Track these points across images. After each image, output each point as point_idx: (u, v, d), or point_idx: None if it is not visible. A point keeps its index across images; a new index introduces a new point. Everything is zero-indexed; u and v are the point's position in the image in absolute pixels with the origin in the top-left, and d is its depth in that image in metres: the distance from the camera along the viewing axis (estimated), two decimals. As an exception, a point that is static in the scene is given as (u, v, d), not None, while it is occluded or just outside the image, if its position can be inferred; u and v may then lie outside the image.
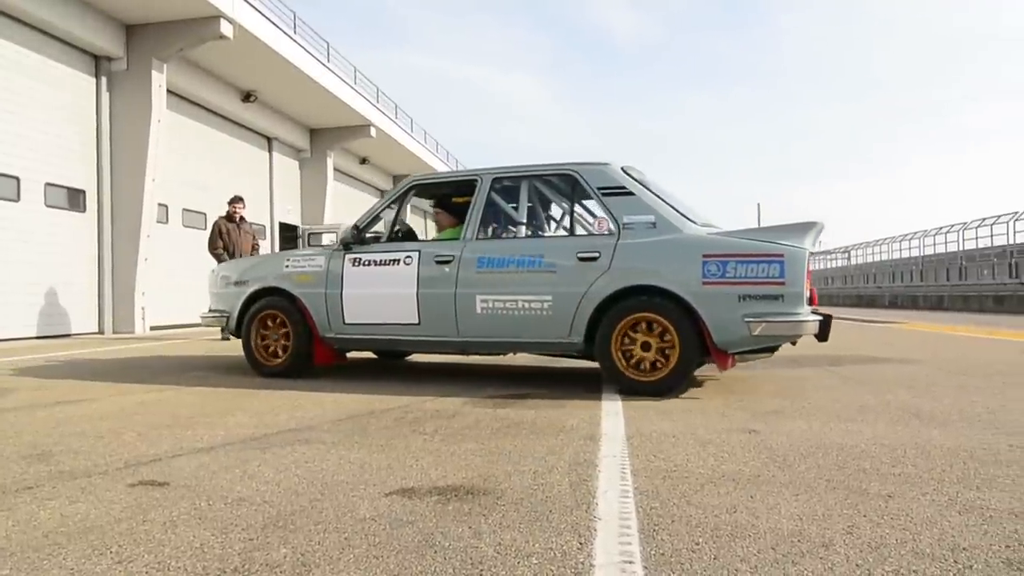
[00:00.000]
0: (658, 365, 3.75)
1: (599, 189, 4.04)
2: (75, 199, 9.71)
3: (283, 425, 3.04)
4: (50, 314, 9.16)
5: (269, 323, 4.70)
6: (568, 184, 4.30)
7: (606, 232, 3.98)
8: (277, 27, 11.56)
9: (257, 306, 4.72)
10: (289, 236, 16.54)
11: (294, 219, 16.72)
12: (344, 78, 14.92)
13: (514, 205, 4.36)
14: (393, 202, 4.67)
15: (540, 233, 4.84)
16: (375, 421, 3.13)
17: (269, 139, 15.34)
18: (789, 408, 3.41)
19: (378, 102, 17.70)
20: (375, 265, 4.40)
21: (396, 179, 24.05)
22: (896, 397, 3.77)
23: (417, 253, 4.31)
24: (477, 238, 4.23)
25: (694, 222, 3.94)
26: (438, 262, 4.21)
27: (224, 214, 8.70)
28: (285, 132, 15.59)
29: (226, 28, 9.98)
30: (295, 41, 12.29)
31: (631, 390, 3.75)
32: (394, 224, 4.71)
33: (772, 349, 3.89)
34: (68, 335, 9.36)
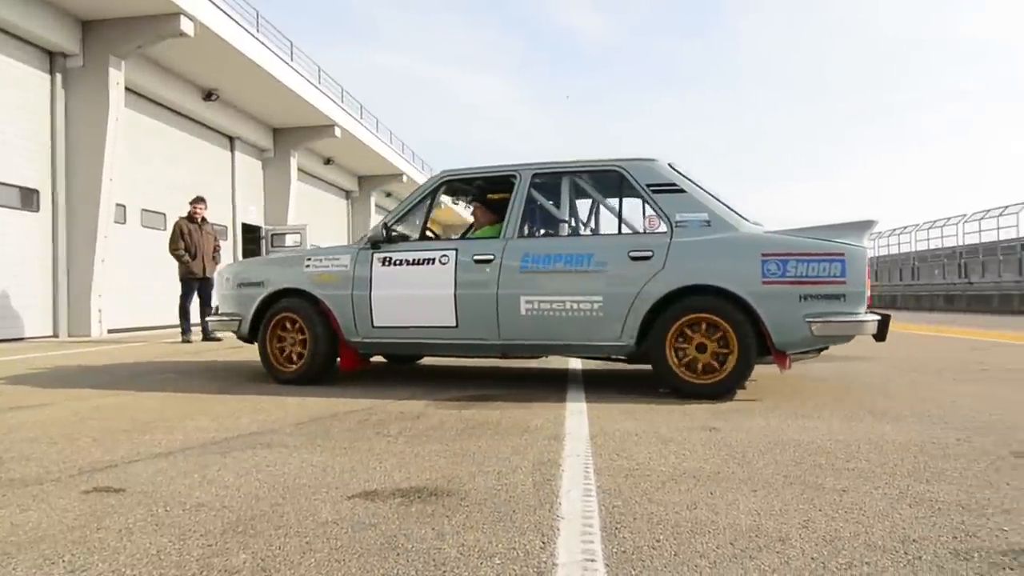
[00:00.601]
0: (714, 367, 3.65)
1: (648, 186, 3.92)
2: (28, 199, 9.42)
3: (244, 428, 3.00)
4: (2, 316, 8.88)
5: (287, 326, 4.42)
6: (613, 180, 4.23)
7: (658, 230, 3.90)
8: (239, 25, 11.38)
9: (274, 308, 4.44)
10: (252, 237, 16.29)
11: (257, 220, 16.47)
12: (308, 77, 14.75)
13: (555, 202, 4.24)
14: (424, 198, 4.42)
15: (584, 231, 4.68)
16: (338, 423, 3.10)
17: (231, 138, 15.09)
18: (749, 405, 3.47)
19: (343, 102, 17.54)
20: (407, 265, 4.16)
21: (362, 180, 23.87)
22: (851, 394, 3.86)
23: (454, 252, 4.09)
24: (518, 236, 4.06)
25: (747, 220, 3.86)
26: (478, 261, 4.01)
27: (185, 214, 8.54)
28: (248, 131, 15.35)
29: (186, 25, 9.78)
30: (257, 39, 12.11)
31: (687, 394, 3.65)
32: (425, 221, 4.55)
33: (822, 348, 3.84)
34: (21, 339, 9.07)
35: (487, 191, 4.68)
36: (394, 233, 4.27)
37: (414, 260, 4.16)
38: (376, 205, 25.40)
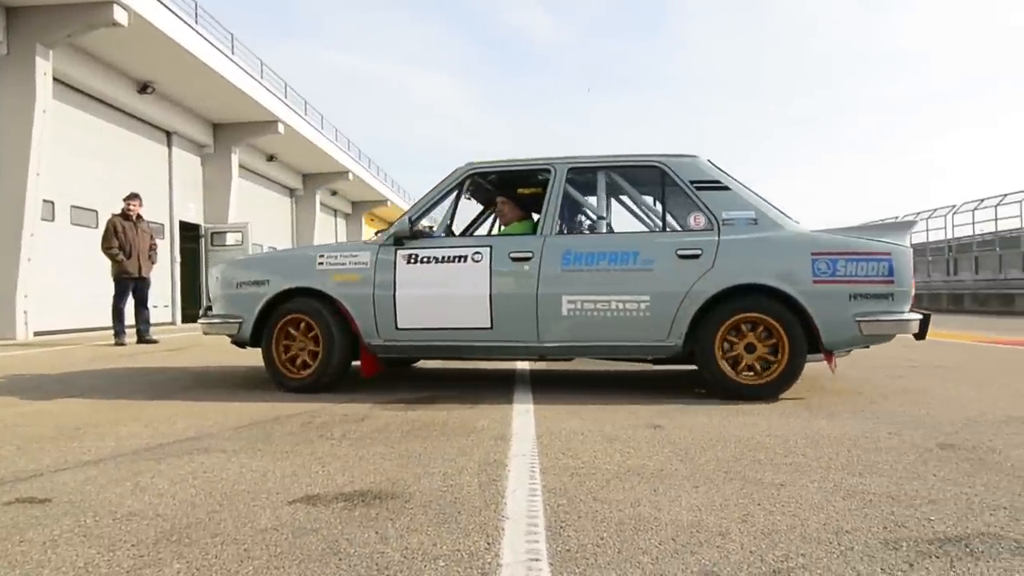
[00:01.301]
0: (761, 368, 3.63)
1: (692, 183, 3.83)
2: (-54, 194, 8.92)
3: (180, 434, 2.90)
4: (-83, 319, 8.38)
5: (296, 329, 4.05)
6: (653, 176, 4.08)
7: (704, 228, 3.78)
8: (176, 15, 11.01)
9: (281, 310, 4.06)
10: (191, 236, 15.80)
11: (196, 218, 15.99)
12: (250, 72, 14.39)
13: (592, 197, 4.13)
14: (449, 191, 4.17)
15: (621, 228, 4.42)
16: (280, 427, 3.03)
17: (168, 133, 14.60)
18: (692, 403, 3.54)
19: (286, 97, 17.17)
20: (436, 263, 3.91)
21: (306, 178, 23.41)
22: (789, 390, 3.97)
23: (488, 249, 3.87)
24: (555, 232, 3.90)
25: (790, 218, 3.84)
26: (515, 259, 3.82)
27: (119, 212, 8.22)
28: (186, 126, 14.88)
29: (120, 15, 9.42)
30: (196, 31, 11.75)
31: (736, 395, 3.59)
32: (452, 216, 4.31)
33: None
34: (-62, 342, 8.58)
35: (515, 185, 4.45)
36: (417, 229, 4.02)
37: (444, 258, 3.91)
38: (321, 203, 24.95)
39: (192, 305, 15.81)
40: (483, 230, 4.81)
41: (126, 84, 12.33)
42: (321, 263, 4.06)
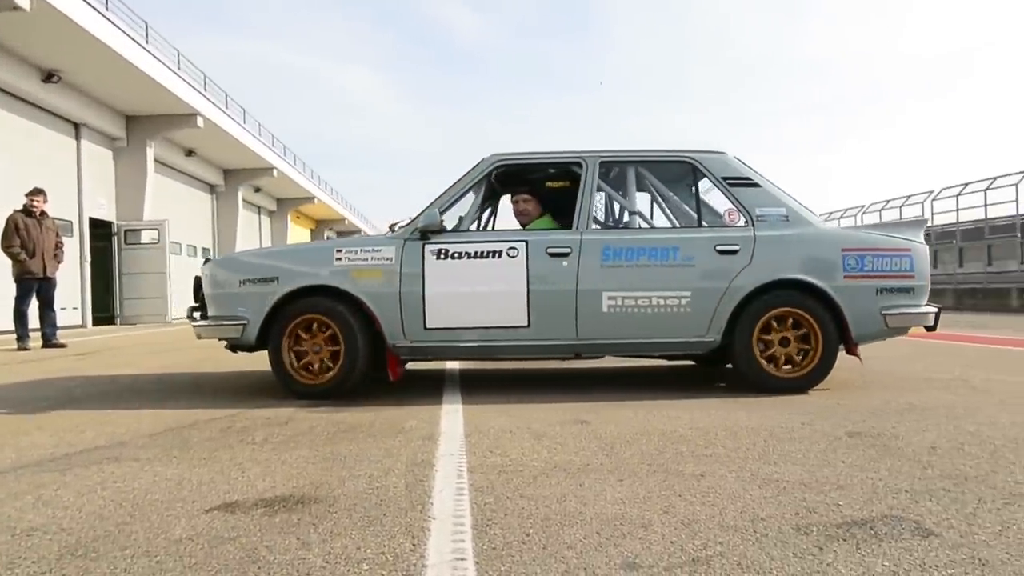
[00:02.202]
0: (796, 361, 3.72)
1: (725, 179, 3.87)
2: None
3: (89, 443, 2.75)
4: None
5: (303, 332, 3.74)
6: (684, 172, 4.08)
7: (738, 224, 3.82)
8: (84, 0, 10.43)
9: (293, 309, 3.72)
10: (102, 234, 15.03)
11: (108, 215, 15.21)
12: (166, 62, 13.79)
13: (622, 192, 4.08)
14: (475, 184, 3.95)
15: (651, 223, 4.29)
16: (198, 432, 2.91)
17: (76, 125, 13.83)
18: (619, 398, 3.60)
19: (206, 90, 16.54)
20: (468, 258, 3.72)
21: (228, 173, 22.63)
22: (710, 384, 4.11)
23: (524, 244, 3.73)
24: (591, 228, 3.85)
25: (814, 215, 3.92)
26: (552, 255, 3.71)
27: (21, 208, 7.72)
28: (96, 118, 14.13)
29: (20, -2, 8.85)
30: (106, 17, 11.17)
31: (773, 389, 3.66)
32: (482, 209, 4.15)
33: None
34: None
35: (543, 178, 4.36)
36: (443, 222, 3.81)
37: (476, 253, 3.73)
38: (244, 200, 24.17)
39: (103, 307, 15.04)
40: (479, 221, 4.51)
41: (29, 72, 11.61)
42: (339, 258, 3.75)
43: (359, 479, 2.15)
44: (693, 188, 4.07)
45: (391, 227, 4.04)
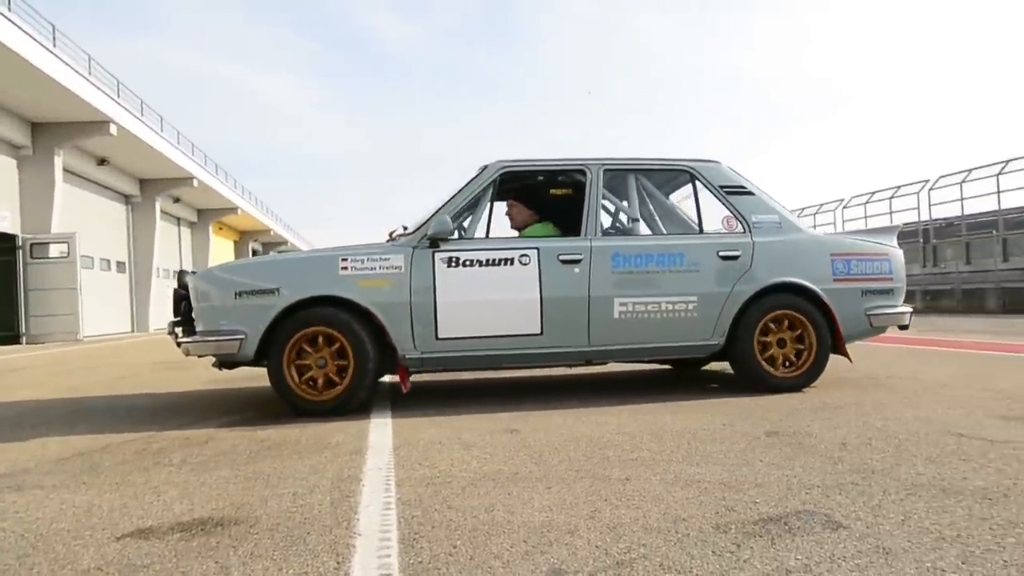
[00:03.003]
0: (792, 362, 3.88)
1: (722, 188, 4.02)
2: None
3: (-12, 471, 2.57)
4: None
5: (313, 344, 3.56)
6: (682, 180, 4.20)
7: (736, 231, 3.96)
8: (-18, 2, 9.85)
9: (296, 321, 3.53)
10: (6, 248, 14.15)
11: (11, 227, 14.33)
12: (75, 67, 13.14)
13: (625, 199, 4.14)
14: (483, 190, 3.89)
15: (648, 230, 4.32)
16: (110, 456, 2.77)
17: (-25, 133, 13.01)
18: (549, 406, 3.63)
19: (120, 96, 15.85)
20: (480, 266, 3.67)
21: (144, 183, 21.73)
22: (638, 388, 4.20)
23: (535, 251, 3.71)
24: (599, 234, 3.86)
25: (802, 221, 4.09)
26: (564, 261, 3.71)
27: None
28: (-3, 125, 13.32)
29: (-91, -3, 8.28)
30: (7, 18, 10.56)
31: (772, 388, 3.80)
32: (490, 217, 4.09)
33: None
34: None
35: (547, 185, 4.36)
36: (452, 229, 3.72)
37: (488, 260, 3.68)
38: (162, 211, 23.25)
39: (6, 326, 14.16)
40: (480, 228, 4.30)
41: (-80, 76, 10.86)
42: (345, 267, 3.60)
43: (282, 498, 2.09)
44: (696, 196, 4.17)
45: (390, 235, 3.98)
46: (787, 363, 3.90)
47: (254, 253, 38.36)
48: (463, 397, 4.12)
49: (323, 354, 3.56)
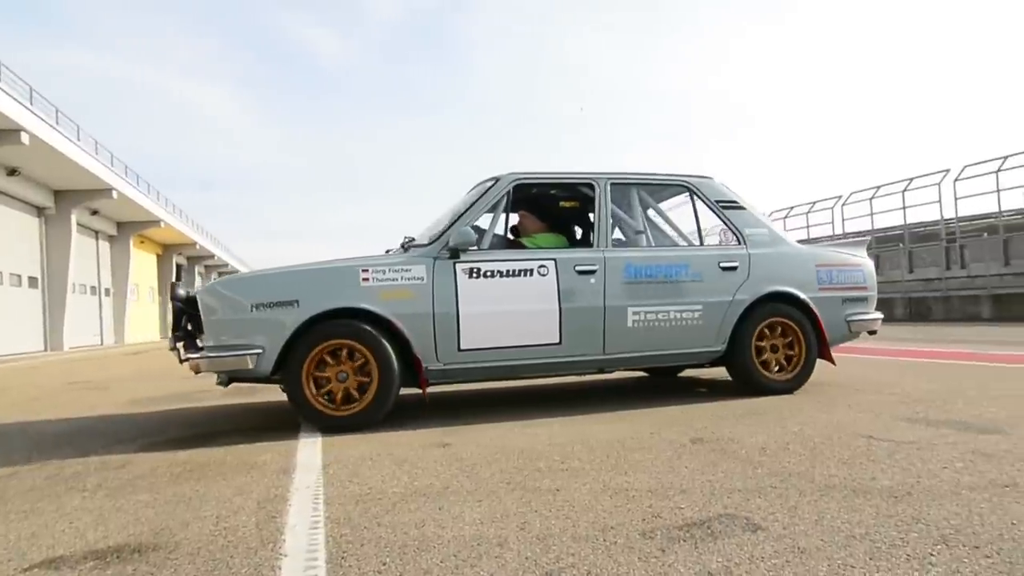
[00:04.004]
0: (783, 366, 4.13)
1: (718, 202, 4.24)
2: None
3: None
4: None
5: (333, 357, 3.45)
6: (681, 195, 4.35)
7: (732, 243, 4.18)
8: None
9: (316, 334, 3.40)
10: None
11: (-91, 241, 13.40)
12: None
13: (629, 212, 4.24)
14: (498, 201, 3.91)
15: (653, 242, 4.39)
16: (18, 482, 2.62)
17: None
18: (482, 419, 3.64)
19: (32, 103, 15.08)
20: (501, 276, 3.68)
21: (60, 195, 20.70)
22: (569, 399, 4.25)
23: (552, 262, 3.77)
24: (610, 246, 3.98)
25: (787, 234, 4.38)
26: (580, 272, 3.79)
27: None
28: None
29: None
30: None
31: (767, 391, 4.03)
32: (505, 228, 4.14)
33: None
34: None
35: (557, 198, 4.40)
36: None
37: (509, 271, 3.71)
38: (79, 224, 22.17)
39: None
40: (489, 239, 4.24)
41: None
42: (366, 279, 3.51)
43: (205, 521, 2.02)
44: (695, 210, 4.36)
45: (403, 245, 3.96)
46: (778, 367, 4.15)
47: (178, 268, 36.99)
48: (395, 412, 4.07)
49: (344, 368, 3.46)
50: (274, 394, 5.01)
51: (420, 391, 3.63)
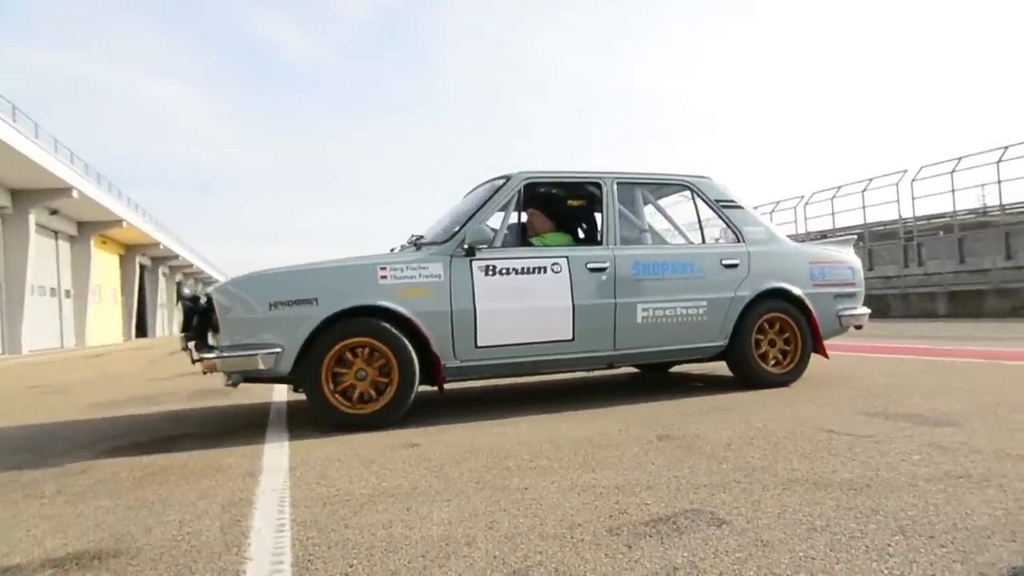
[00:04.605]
0: (780, 359, 4.29)
1: (718, 202, 4.37)
2: None
3: None
4: None
5: (352, 356, 3.43)
6: (682, 194, 4.47)
7: (732, 241, 4.32)
8: None
9: (335, 333, 3.38)
10: None
11: None
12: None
13: (634, 211, 4.32)
14: (510, 199, 3.92)
15: (657, 240, 4.53)
16: (-28, 491, 2.54)
17: None
18: (450, 420, 3.63)
19: (-15, 101, 14.64)
20: (516, 274, 3.72)
21: (16, 194, 20.12)
22: (537, 398, 4.27)
23: (565, 260, 3.84)
24: (618, 244, 4.04)
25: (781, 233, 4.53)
26: (591, 269, 3.86)
27: None
28: None
29: None
30: None
31: (766, 384, 4.18)
32: (519, 225, 4.18)
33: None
34: None
35: (565, 196, 4.45)
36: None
37: (523, 269, 3.75)
38: (38, 224, 21.58)
39: None
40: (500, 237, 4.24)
41: None
42: (384, 276, 3.50)
43: (167, 526, 1.99)
44: (696, 209, 4.47)
45: (414, 243, 3.96)
46: (774, 361, 4.29)
47: (142, 268, 36.24)
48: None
49: (362, 366, 3.44)
50: (240, 397, 4.95)
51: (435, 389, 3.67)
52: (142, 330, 37.08)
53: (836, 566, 1.49)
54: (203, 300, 3.58)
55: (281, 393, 5.10)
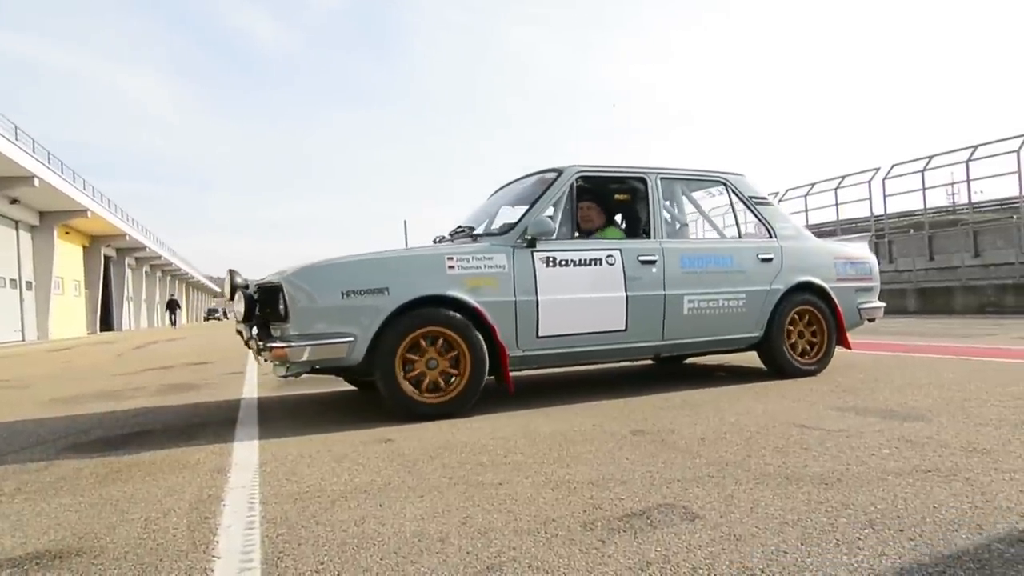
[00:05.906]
0: (807, 350, 4.49)
1: (751, 198, 4.56)
2: None
3: None
4: None
5: (423, 345, 3.44)
6: (718, 190, 4.61)
7: (765, 237, 4.52)
8: None
9: (408, 322, 3.38)
10: None
11: None
12: None
13: (675, 205, 4.55)
14: (564, 193, 3.97)
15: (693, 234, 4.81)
16: (-74, 489, 2.46)
17: None
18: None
19: (-57, 86, 14.16)
20: (575, 265, 3.82)
21: (-25, 183, 19.50)
22: (513, 395, 4.25)
23: (618, 252, 3.96)
24: (665, 237, 4.19)
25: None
26: (642, 262, 3.99)
27: None
28: None
29: None
30: None
31: (794, 374, 4.36)
32: (573, 217, 4.14)
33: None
34: None
35: (613, 191, 4.56)
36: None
37: (581, 260, 3.85)
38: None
39: None
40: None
41: None
42: (452, 266, 3.53)
43: (132, 524, 1.94)
44: (731, 205, 4.70)
45: (453, 233, 4.15)
46: (801, 352, 4.49)
47: (107, 259, 35.48)
48: (334, 409, 4.00)
49: (433, 355, 3.47)
50: (210, 393, 4.86)
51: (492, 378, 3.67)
52: (107, 323, 36.30)
53: (807, 559, 1.50)
54: (253, 290, 3.53)
55: (252, 389, 5.03)
